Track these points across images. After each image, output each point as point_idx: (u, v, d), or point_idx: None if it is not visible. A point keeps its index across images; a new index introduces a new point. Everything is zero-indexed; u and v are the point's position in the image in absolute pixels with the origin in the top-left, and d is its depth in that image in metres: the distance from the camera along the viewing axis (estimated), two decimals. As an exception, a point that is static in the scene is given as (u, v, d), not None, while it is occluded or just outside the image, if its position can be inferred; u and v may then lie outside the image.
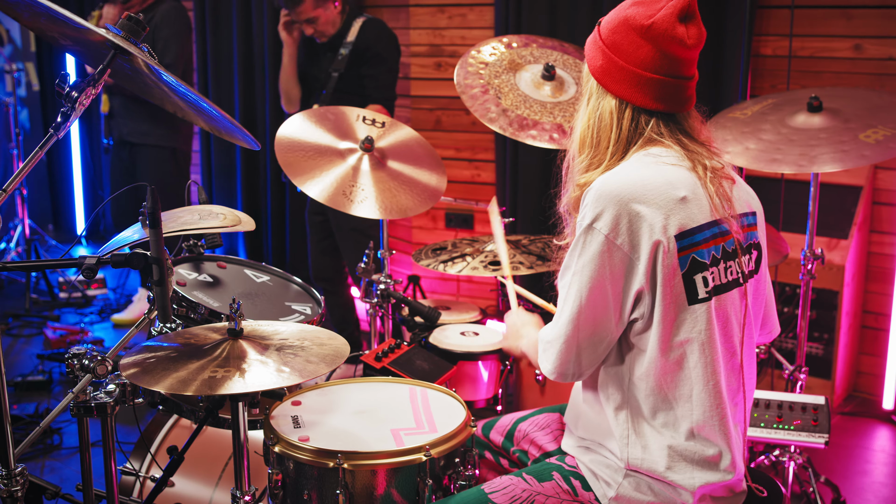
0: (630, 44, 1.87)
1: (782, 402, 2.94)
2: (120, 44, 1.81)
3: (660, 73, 1.87)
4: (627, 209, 1.79)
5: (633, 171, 1.86)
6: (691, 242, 1.82)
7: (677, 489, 1.87)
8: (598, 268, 1.81)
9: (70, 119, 1.79)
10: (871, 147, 2.78)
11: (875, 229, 4.20)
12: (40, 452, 3.76)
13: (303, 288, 2.80)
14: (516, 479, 1.99)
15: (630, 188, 1.81)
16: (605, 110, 1.93)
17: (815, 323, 4.03)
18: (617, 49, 1.89)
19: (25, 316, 5.52)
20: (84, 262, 1.76)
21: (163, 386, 1.80)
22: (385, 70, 4.37)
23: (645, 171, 1.85)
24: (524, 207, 4.82)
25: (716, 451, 1.87)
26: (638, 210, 1.79)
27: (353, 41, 4.30)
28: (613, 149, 1.93)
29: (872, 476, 3.67)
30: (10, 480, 1.78)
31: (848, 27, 4.06)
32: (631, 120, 1.92)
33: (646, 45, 1.85)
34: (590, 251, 1.82)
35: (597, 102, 1.95)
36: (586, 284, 1.83)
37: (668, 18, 1.83)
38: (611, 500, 1.91)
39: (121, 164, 4.92)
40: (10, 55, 7.21)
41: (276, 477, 2.03)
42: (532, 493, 1.96)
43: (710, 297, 1.83)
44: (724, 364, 1.87)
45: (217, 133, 2.22)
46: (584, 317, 1.85)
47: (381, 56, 4.34)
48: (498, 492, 1.97)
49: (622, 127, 1.92)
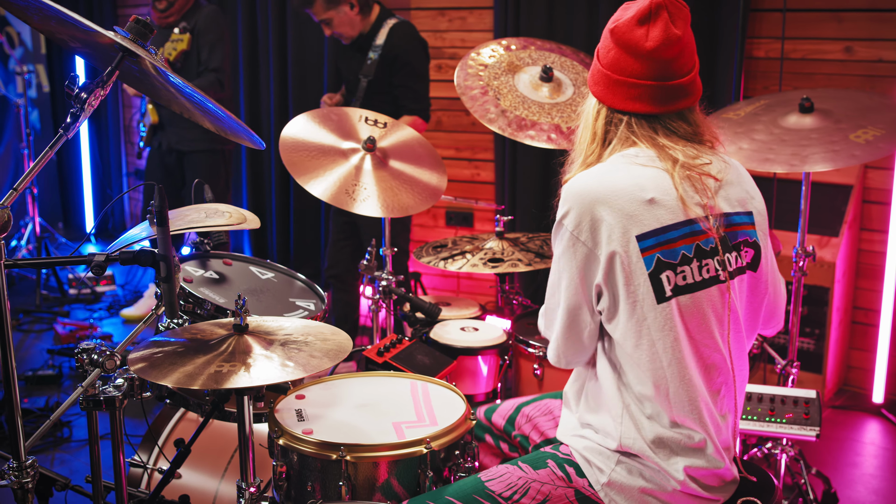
0: (605, 48, 1.95)
1: (774, 396, 2.95)
2: (128, 46, 1.81)
3: (630, 76, 1.90)
4: (590, 211, 1.85)
5: (604, 172, 1.90)
6: (657, 242, 1.84)
7: (666, 475, 1.88)
8: (568, 260, 1.89)
9: (79, 120, 1.79)
10: (861, 147, 2.78)
11: (865, 227, 4.20)
12: (50, 445, 3.77)
13: (306, 285, 2.80)
14: (512, 467, 2.00)
15: (595, 190, 1.86)
16: (588, 111, 2.02)
17: (807, 319, 4.03)
18: (597, 54, 1.97)
19: (36, 312, 5.53)
20: (93, 260, 1.76)
21: (170, 380, 1.81)
22: (418, 79, 4.27)
23: (615, 174, 1.89)
24: (523, 206, 4.82)
25: (700, 438, 1.89)
26: (600, 213, 1.84)
27: (381, 45, 4.18)
28: (590, 149, 1.99)
29: (862, 468, 3.67)
30: (21, 472, 1.78)
31: (839, 30, 4.06)
32: (605, 121, 1.97)
33: (613, 49, 1.92)
34: (561, 245, 1.90)
35: (585, 104, 2.04)
36: (562, 275, 1.92)
37: (628, 22, 1.88)
38: (603, 486, 1.92)
39: (164, 168, 4.93)
40: (21, 57, 7.21)
41: (280, 469, 2.04)
42: (528, 480, 1.96)
43: (674, 295, 1.84)
44: (699, 359, 1.88)
45: (223, 133, 2.22)
46: (563, 306, 1.93)
47: (412, 65, 4.22)
48: (494, 479, 1.97)
49: (598, 127, 1.99)
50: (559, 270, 1.92)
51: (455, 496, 1.94)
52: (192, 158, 4.84)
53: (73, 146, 7.59)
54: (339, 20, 4.17)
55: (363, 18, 4.20)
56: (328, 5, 4.13)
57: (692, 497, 1.92)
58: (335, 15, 4.15)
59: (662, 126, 1.94)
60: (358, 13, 4.17)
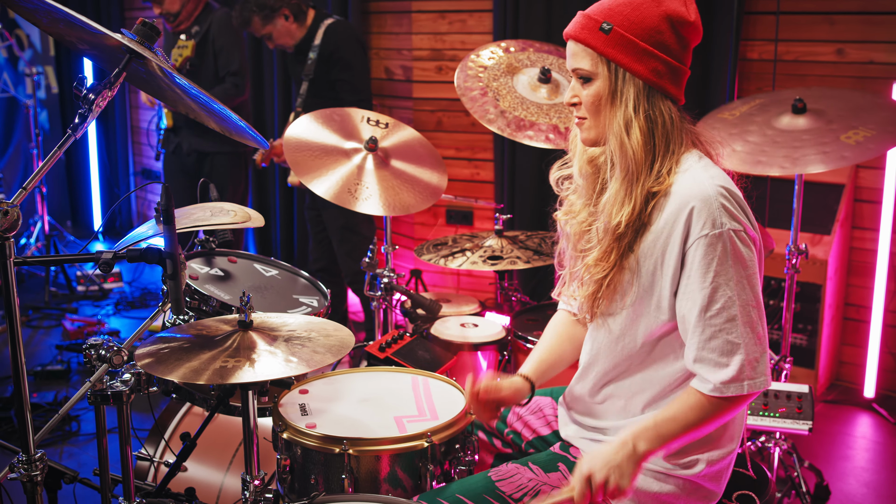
0: (677, 41, 1.81)
1: (768, 391, 2.94)
2: (135, 48, 1.81)
3: (687, 67, 1.85)
4: (743, 204, 1.80)
5: (716, 171, 1.83)
6: None
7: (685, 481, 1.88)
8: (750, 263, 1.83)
9: (87, 120, 1.78)
10: (852, 148, 2.78)
11: (857, 225, 4.19)
12: (59, 439, 3.77)
13: (310, 282, 2.80)
14: (523, 468, 1.98)
15: (733, 188, 1.81)
16: (666, 111, 1.84)
17: (800, 315, 4.03)
18: (667, 49, 1.81)
19: (45, 308, 5.53)
20: (101, 257, 1.76)
21: (176, 375, 1.80)
22: (355, 73, 4.35)
23: (719, 170, 1.84)
24: (521, 204, 4.82)
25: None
26: (747, 207, 1.81)
27: (318, 45, 4.27)
28: (676, 150, 1.84)
29: (854, 461, 3.67)
30: (31, 465, 1.78)
31: (831, 32, 4.06)
32: (683, 118, 1.88)
33: (686, 41, 1.82)
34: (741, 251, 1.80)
35: (651, 104, 1.82)
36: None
37: (696, 11, 1.82)
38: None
39: (184, 171, 4.89)
40: (31, 59, 7.20)
41: (284, 462, 2.03)
42: (538, 482, 1.94)
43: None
44: None
45: (228, 133, 2.22)
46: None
47: (348, 60, 4.30)
48: (505, 480, 1.95)
49: (681, 126, 1.86)
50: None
51: (465, 494, 1.93)
52: (216, 159, 4.79)
53: (82, 146, 7.59)
54: (278, 33, 4.26)
55: (300, 26, 4.29)
56: (264, 21, 4.22)
57: (701, 496, 1.91)
58: (273, 29, 4.25)
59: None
60: (293, 22, 4.26)
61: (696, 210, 1.75)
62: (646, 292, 1.85)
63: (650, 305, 1.85)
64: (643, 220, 1.83)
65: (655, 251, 1.82)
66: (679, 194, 1.78)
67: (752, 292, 1.77)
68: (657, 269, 1.82)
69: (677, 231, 1.78)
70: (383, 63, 5.31)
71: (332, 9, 5.22)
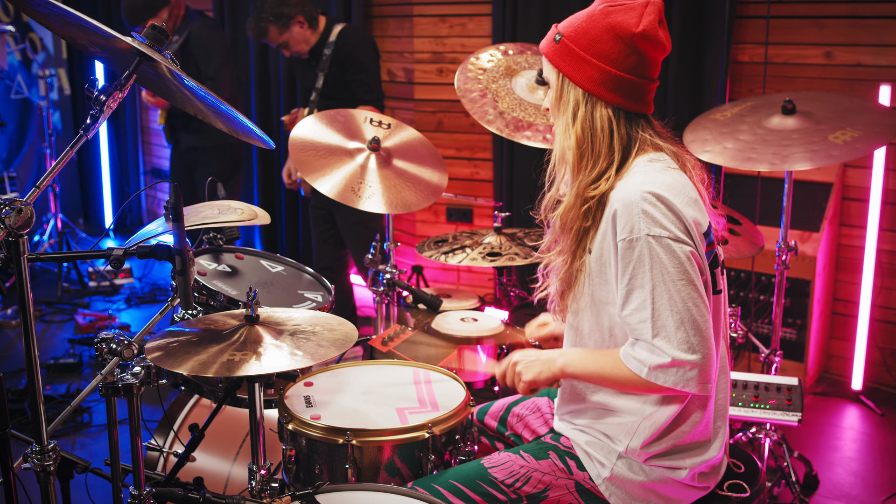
0: (619, 52, 1.81)
1: (758, 383, 2.94)
2: (145, 51, 1.80)
3: (642, 77, 1.85)
4: (675, 210, 1.76)
5: (656, 177, 1.80)
6: (708, 242, 1.85)
7: (672, 470, 1.88)
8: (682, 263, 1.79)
9: (99, 121, 1.78)
10: (840, 147, 2.78)
11: (844, 223, 4.19)
12: (71, 430, 3.77)
13: (314, 277, 2.79)
14: (514, 455, 1.98)
15: (670, 187, 1.78)
16: (601, 118, 1.85)
17: (789, 310, 4.03)
18: (605, 58, 1.82)
19: (58, 303, 5.53)
20: (112, 254, 1.76)
21: (185, 368, 1.80)
22: (369, 74, 4.38)
23: (664, 174, 1.81)
24: (519, 202, 4.81)
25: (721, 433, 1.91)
26: (684, 211, 1.77)
27: (333, 42, 4.29)
28: (615, 156, 1.85)
29: (842, 451, 3.67)
30: (44, 456, 1.78)
31: (820, 36, 4.05)
32: (628, 126, 1.87)
33: (634, 51, 1.81)
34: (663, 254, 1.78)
35: (587, 111, 1.86)
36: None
37: (653, 24, 1.80)
38: (605, 480, 1.90)
39: (182, 165, 4.93)
40: (44, 62, 7.20)
41: (289, 452, 2.04)
42: (529, 469, 1.95)
43: (720, 291, 1.87)
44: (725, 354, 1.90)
45: (234, 133, 2.21)
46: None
47: (362, 63, 4.33)
48: (497, 466, 1.96)
49: (621, 133, 1.86)
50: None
51: (458, 480, 1.94)
52: (201, 153, 4.82)
53: (93, 146, 7.58)
54: (294, 40, 4.28)
55: (314, 32, 4.31)
56: (281, 30, 4.24)
57: (689, 487, 1.91)
58: (289, 37, 4.26)
59: (657, 126, 1.94)
60: (308, 28, 4.28)
61: (618, 214, 1.78)
62: (601, 289, 1.88)
63: (608, 301, 1.88)
64: (594, 221, 1.86)
65: (604, 251, 1.85)
66: (613, 198, 1.82)
67: (677, 296, 1.73)
68: (607, 267, 1.86)
69: (609, 233, 1.82)
70: (386, 66, 5.30)
71: (336, 13, 5.22)
